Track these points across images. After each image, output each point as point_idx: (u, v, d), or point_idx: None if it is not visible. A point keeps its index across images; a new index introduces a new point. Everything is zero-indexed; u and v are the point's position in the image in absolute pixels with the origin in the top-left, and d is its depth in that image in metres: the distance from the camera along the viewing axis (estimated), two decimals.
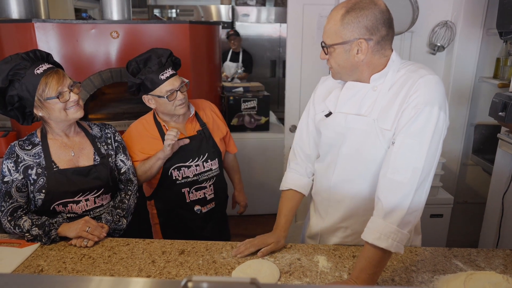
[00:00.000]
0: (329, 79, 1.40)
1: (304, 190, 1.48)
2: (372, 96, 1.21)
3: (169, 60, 1.62)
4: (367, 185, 1.29)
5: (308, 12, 2.63)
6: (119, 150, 1.61)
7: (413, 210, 1.12)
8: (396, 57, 1.20)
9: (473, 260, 1.34)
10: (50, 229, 1.41)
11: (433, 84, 1.13)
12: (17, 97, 1.36)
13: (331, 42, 1.18)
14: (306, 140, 1.44)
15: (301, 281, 1.22)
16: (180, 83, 1.63)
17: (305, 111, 1.47)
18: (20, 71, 1.34)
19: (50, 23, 2.38)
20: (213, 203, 1.83)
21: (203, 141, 1.75)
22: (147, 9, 5.50)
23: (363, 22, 1.12)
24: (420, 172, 1.11)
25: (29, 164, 1.44)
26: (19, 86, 1.35)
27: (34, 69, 1.35)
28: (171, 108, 1.64)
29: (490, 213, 2.15)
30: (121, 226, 1.54)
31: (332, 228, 1.42)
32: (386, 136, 1.19)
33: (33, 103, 1.37)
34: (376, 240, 1.10)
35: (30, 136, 1.49)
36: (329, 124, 1.31)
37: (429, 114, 1.11)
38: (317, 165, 1.43)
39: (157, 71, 1.58)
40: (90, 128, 1.58)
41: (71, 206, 1.48)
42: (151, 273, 1.27)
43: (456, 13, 2.43)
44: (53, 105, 1.38)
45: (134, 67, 1.63)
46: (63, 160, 1.47)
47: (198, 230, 1.82)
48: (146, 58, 1.62)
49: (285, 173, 1.52)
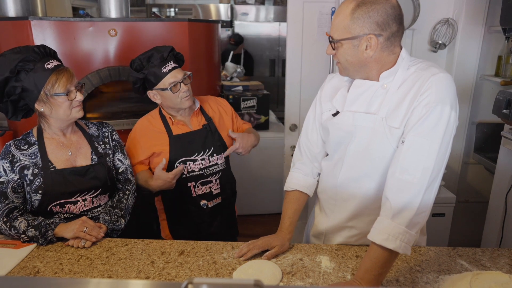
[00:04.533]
0: (335, 77, 1.37)
1: (309, 190, 1.45)
2: (381, 94, 1.18)
3: (170, 54, 1.65)
4: (374, 184, 1.26)
5: (308, 9, 2.61)
6: (117, 149, 1.59)
7: (421, 210, 1.10)
8: (406, 55, 1.18)
9: (478, 259, 1.31)
10: (46, 230, 1.38)
11: (445, 82, 1.11)
12: (20, 89, 1.34)
13: (339, 36, 1.14)
14: (314, 139, 1.41)
15: (304, 282, 1.20)
16: (183, 75, 1.65)
17: (311, 109, 1.44)
18: (29, 63, 1.33)
19: (47, 21, 2.35)
20: (219, 198, 1.83)
21: (209, 135, 1.76)
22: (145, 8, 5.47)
23: (374, 17, 1.09)
24: (430, 172, 1.08)
25: (25, 164, 1.41)
26: (26, 78, 1.33)
27: (44, 64, 1.35)
28: (176, 101, 1.66)
29: (493, 212, 2.13)
30: (119, 226, 1.51)
31: (337, 227, 1.39)
32: (394, 134, 1.16)
33: (37, 97, 1.35)
34: (384, 241, 1.08)
35: (26, 135, 1.46)
36: (337, 123, 1.28)
37: (440, 113, 1.08)
38: (324, 163, 1.41)
39: (159, 65, 1.62)
40: (87, 127, 1.56)
41: (69, 207, 1.46)
42: (150, 274, 1.24)
43: (458, 10, 2.41)
44: (60, 102, 1.37)
45: (137, 64, 1.65)
46: (60, 160, 1.45)
47: (205, 226, 1.81)
48: (149, 56, 1.65)
49: (290, 173, 1.49)
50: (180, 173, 1.65)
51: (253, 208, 3.49)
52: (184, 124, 1.73)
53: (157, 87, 1.64)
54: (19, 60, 1.32)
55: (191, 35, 2.61)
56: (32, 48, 1.36)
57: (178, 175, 1.64)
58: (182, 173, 1.72)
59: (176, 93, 1.64)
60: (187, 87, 1.66)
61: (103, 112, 2.83)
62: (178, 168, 1.64)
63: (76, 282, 0.60)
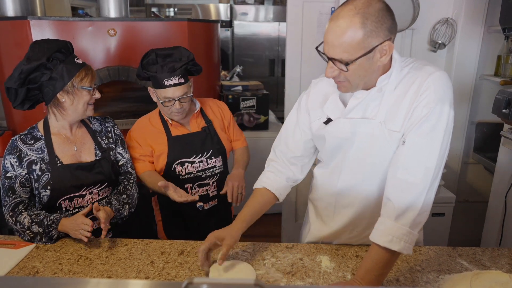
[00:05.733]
0: (321, 82, 1.29)
1: (279, 193, 1.35)
2: (378, 97, 1.15)
3: (183, 67, 1.58)
4: (375, 188, 1.25)
5: (308, 9, 2.60)
6: (118, 143, 1.62)
7: (424, 210, 1.09)
8: (397, 55, 1.15)
9: (478, 259, 1.31)
10: (50, 230, 1.38)
11: (443, 81, 1.09)
12: (48, 77, 1.37)
13: (352, 56, 1.03)
14: (292, 146, 1.35)
15: (304, 282, 1.20)
16: (182, 93, 1.59)
17: (293, 114, 1.36)
18: (62, 54, 1.40)
19: (46, 21, 2.35)
20: (215, 200, 1.81)
21: (208, 137, 1.75)
22: (144, 8, 5.46)
23: (385, 24, 1.02)
24: (432, 171, 1.08)
25: (33, 159, 1.42)
26: (57, 68, 1.37)
27: (74, 58, 1.43)
28: (166, 112, 1.67)
29: (493, 212, 2.13)
30: (123, 213, 1.53)
31: (337, 233, 1.37)
32: (394, 137, 1.14)
33: (63, 86, 1.39)
34: (387, 242, 1.06)
35: (31, 130, 1.47)
36: (332, 131, 1.23)
37: (440, 112, 1.07)
38: (319, 171, 1.38)
39: (165, 74, 1.56)
40: (91, 123, 1.59)
41: (77, 200, 1.48)
42: (150, 274, 1.24)
43: (457, 10, 2.41)
44: (84, 95, 1.43)
45: (151, 58, 1.60)
46: (66, 155, 1.47)
47: (200, 228, 1.79)
48: (166, 55, 1.60)
49: (262, 173, 1.42)
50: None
51: None
52: (183, 126, 1.73)
53: (155, 91, 1.62)
54: (56, 49, 1.37)
55: (191, 35, 2.60)
56: (65, 42, 1.43)
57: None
58: (180, 175, 1.72)
59: (167, 107, 1.61)
60: (180, 106, 1.61)
61: (102, 112, 2.83)
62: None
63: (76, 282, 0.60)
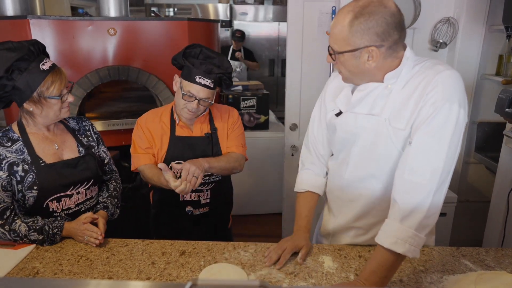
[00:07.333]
0: (339, 76, 1.32)
1: (320, 190, 1.43)
2: (385, 94, 1.15)
3: (219, 75, 1.55)
4: (381, 185, 1.24)
5: (309, 9, 2.59)
6: (100, 142, 1.62)
7: (431, 213, 1.06)
8: (411, 54, 1.13)
9: (482, 259, 1.30)
10: (54, 235, 1.37)
11: (452, 80, 1.07)
12: (11, 87, 1.30)
13: (339, 48, 1.10)
14: (321, 139, 1.39)
15: (307, 283, 1.19)
16: (205, 97, 1.55)
17: (317, 108, 1.41)
18: (24, 62, 1.29)
19: (46, 20, 2.34)
20: (206, 208, 1.77)
21: (208, 145, 1.70)
22: (144, 7, 5.45)
23: (374, 29, 1.03)
24: (440, 173, 1.05)
25: (13, 161, 1.37)
26: (19, 78, 1.29)
27: (39, 64, 1.31)
28: (179, 106, 1.61)
29: (495, 212, 2.12)
30: (114, 217, 1.58)
31: (344, 227, 1.38)
32: (398, 135, 1.13)
33: (29, 97, 1.32)
34: (392, 245, 1.05)
35: (5, 132, 1.41)
36: (340, 124, 1.26)
37: (448, 112, 1.04)
38: (331, 163, 1.39)
39: (200, 72, 1.52)
40: (67, 121, 1.56)
41: (65, 201, 1.45)
42: (151, 275, 1.23)
43: (459, 9, 2.40)
44: (53, 104, 1.36)
45: (195, 51, 1.57)
46: (48, 154, 1.43)
47: (186, 232, 1.74)
48: (209, 56, 1.57)
49: (300, 173, 1.46)
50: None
51: (252, 208, 3.48)
52: (187, 127, 1.69)
53: (182, 80, 1.57)
54: (15, 59, 1.27)
55: (191, 34, 2.59)
56: (27, 46, 1.30)
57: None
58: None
59: (185, 101, 1.56)
60: (197, 107, 1.57)
61: (102, 112, 2.82)
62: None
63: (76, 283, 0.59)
